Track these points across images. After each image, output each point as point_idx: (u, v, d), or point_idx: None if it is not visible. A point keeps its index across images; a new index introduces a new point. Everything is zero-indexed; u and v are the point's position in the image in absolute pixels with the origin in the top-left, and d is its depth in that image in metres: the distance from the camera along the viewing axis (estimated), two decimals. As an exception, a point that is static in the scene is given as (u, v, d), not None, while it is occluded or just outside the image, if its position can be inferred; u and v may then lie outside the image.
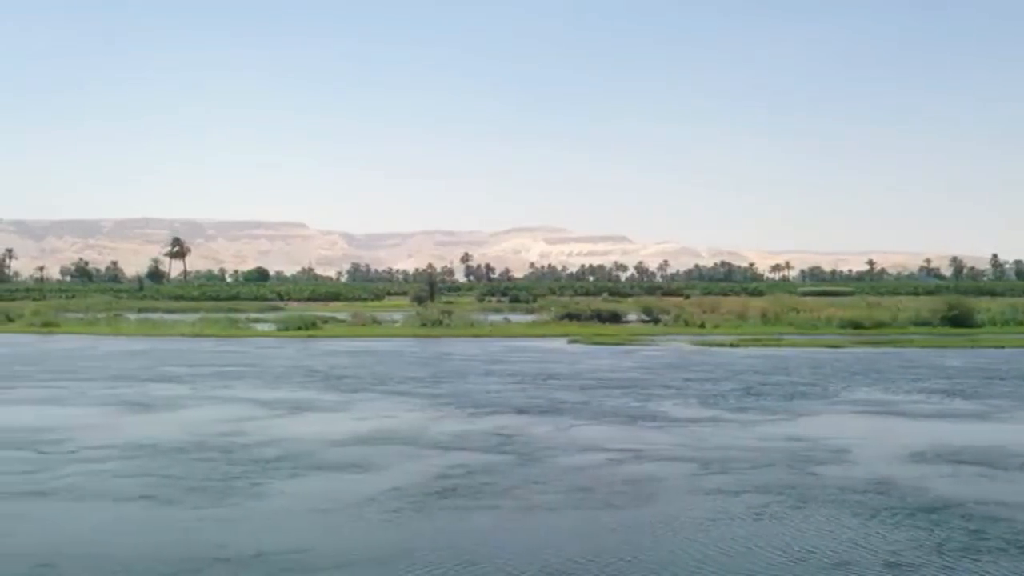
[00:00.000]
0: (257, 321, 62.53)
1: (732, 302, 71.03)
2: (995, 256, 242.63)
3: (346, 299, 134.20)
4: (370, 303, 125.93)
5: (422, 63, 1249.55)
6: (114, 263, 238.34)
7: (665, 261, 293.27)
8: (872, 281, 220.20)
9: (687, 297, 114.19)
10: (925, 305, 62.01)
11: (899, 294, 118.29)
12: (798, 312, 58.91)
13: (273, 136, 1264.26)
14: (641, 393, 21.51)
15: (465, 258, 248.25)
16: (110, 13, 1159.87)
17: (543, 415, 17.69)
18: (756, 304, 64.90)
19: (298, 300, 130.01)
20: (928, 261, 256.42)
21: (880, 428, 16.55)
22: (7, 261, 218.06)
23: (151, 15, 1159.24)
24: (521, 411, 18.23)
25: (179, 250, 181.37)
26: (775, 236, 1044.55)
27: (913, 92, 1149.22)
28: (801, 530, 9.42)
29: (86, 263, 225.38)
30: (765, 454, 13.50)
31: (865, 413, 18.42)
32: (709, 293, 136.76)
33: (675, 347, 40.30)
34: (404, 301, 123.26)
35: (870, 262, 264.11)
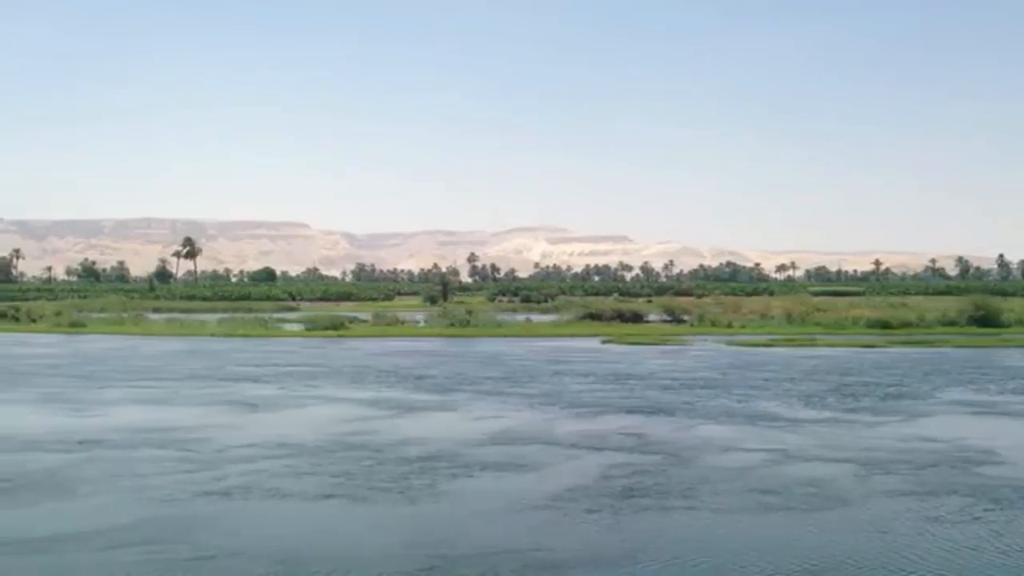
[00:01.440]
0: (282, 321, 62.67)
1: (754, 302, 71.28)
2: (1001, 256, 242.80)
3: (358, 299, 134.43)
4: (382, 303, 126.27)
5: (423, 63, 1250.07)
6: (121, 263, 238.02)
7: (671, 261, 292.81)
8: (877, 281, 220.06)
9: (699, 297, 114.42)
10: (944, 305, 62.45)
11: (909, 294, 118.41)
12: (824, 312, 59.26)
13: (274, 136, 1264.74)
14: (732, 393, 21.60)
15: (472, 258, 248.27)
16: (111, 13, 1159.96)
17: (654, 415, 17.82)
18: (779, 304, 65.20)
19: (310, 300, 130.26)
20: (933, 261, 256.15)
21: (1005, 429, 16.74)
22: (14, 261, 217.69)
23: (152, 15, 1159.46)
24: (630, 411, 18.36)
25: (190, 250, 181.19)
26: (776, 236, 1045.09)
27: (914, 92, 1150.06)
28: (1021, 532, 9.50)
29: (93, 263, 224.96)
30: (916, 455, 13.62)
31: (977, 414, 18.59)
32: (726, 293, 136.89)
33: (714, 347, 40.47)
34: (415, 301, 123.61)
35: (876, 262, 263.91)
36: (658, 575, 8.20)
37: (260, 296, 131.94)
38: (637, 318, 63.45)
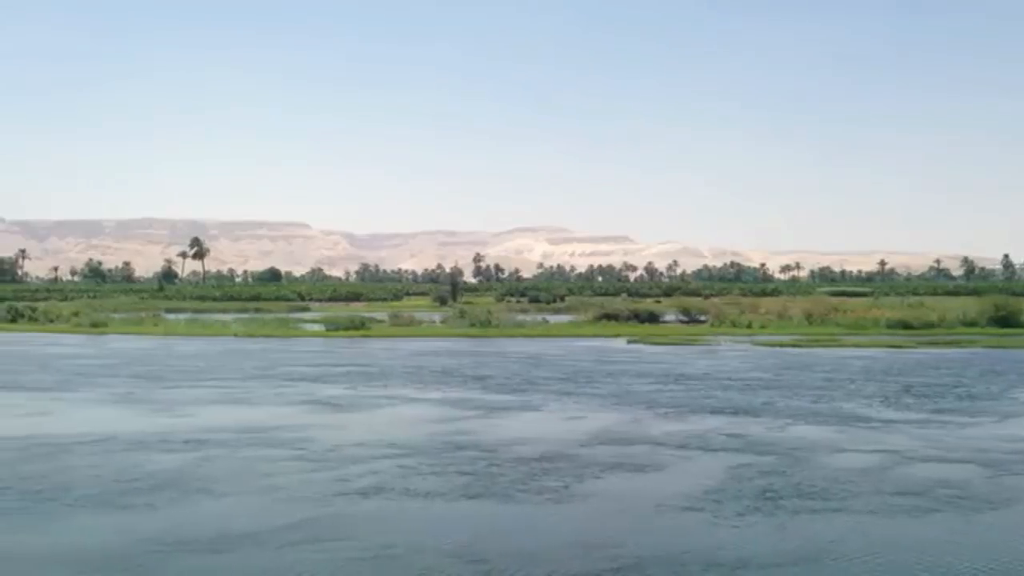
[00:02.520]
0: (301, 321, 62.75)
1: (771, 302, 71.36)
2: (1006, 256, 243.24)
3: (367, 299, 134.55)
4: (391, 303, 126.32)
5: (424, 63, 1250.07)
6: (127, 263, 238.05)
7: (675, 261, 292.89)
8: (882, 281, 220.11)
9: (707, 297, 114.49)
10: (957, 306, 62.69)
11: (918, 294, 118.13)
12: (844, 312, 59.37)
13: (275, 136, 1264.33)
14: (802, 394, 21.63)
15: (477, 258, 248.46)
16: (112, 13, 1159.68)
17: (739, 416, 17.87)
18: (797, 305, 65.33)
19: (319, 300, 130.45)
20: (938, 262, 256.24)
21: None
22: (20, 262, 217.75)
23: (153, 15, 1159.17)
24: (713, 412, 18.41)
25: (197, 251, 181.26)
26: (777, 236, 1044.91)
27: (915, 92, 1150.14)
28: None
29: (99, 263, 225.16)
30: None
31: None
32: (734, 294, 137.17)
33: (746, 347, 40.59)
34: (424, 301, 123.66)
35: (882, 262, 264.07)
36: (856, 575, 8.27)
37: (270, 296, 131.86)
38: (653, 318, 63.55)
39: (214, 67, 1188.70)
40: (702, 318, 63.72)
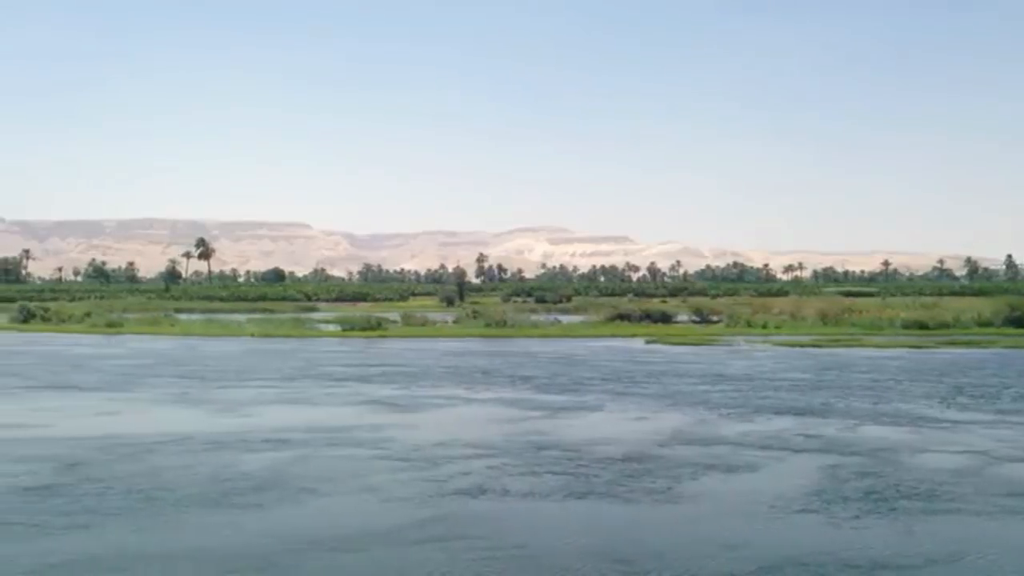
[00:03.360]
0: (314, 322, 62.66)
1: (783, 302, 71.35)
2: (1010, 256, 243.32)
3: (374, 300, 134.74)
4: (397, 303, 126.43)
5: (424, 63, 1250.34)
6: (131, 263, 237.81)
7: (677, 262, 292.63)
8: (885, 281, 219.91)
9: (714, 298, 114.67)
10: (967, 305, 62.88)
11: (924, 295, 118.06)
12: (859, 312, 59.42)
13: (276, 136, 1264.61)
14: (856, 394, 21.57)
15: (480, 259, 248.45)
16: (112, 13, 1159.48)
17: (806, 416, 17.83)
18: (811, 305, 65.39)
19: (325, 300, 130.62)
20: (941, 262, 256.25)
21: None
22: (24, 262, 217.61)
23: (153, 15, 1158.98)
24: (777, 412, 18.39)
25: (203, 251, 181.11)
26: (777, 236, 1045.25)
27: (916, 92, 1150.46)
28: None
29: (103, 263, 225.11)
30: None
31: None
32: (736, 294, 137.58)
33: (771, 348, 40.62)
34: (430, 301, 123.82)
35: (885, 262, 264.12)
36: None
37: (276, 296, 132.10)
38: (666, 318, 63.61)
39: (214, 67, 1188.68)
40: (714, 318, 63.85)
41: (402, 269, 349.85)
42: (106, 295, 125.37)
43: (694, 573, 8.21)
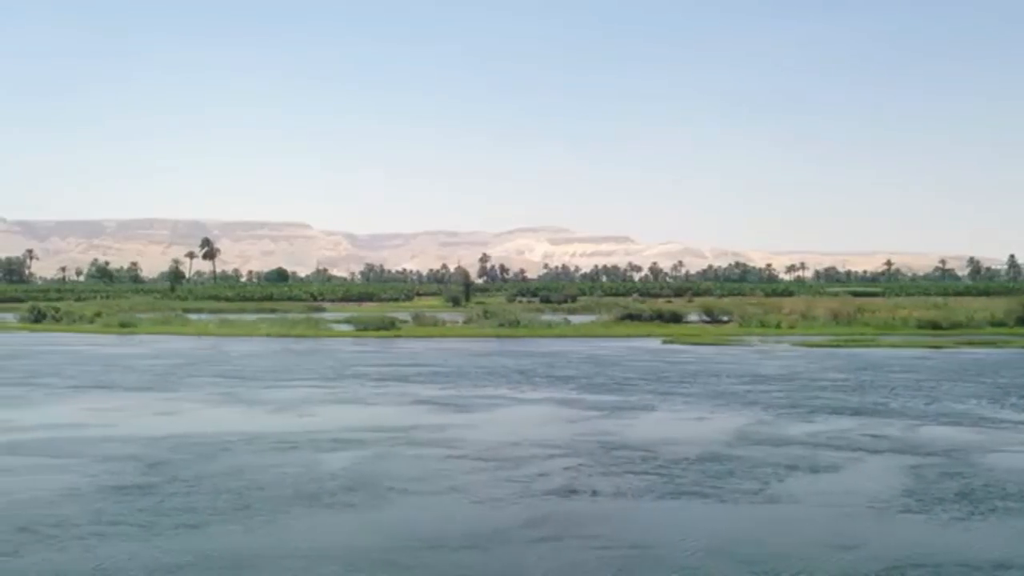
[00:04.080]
0: (327, 321, 62.69)
1: (794, 303, 71.34)
2: (1012, 256, 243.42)
3: (379, 300, 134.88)
4: (402, 303, 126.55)
5: (424, 63, 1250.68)
6: (134, 263, 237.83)
7: (680, 262, 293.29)
8: (887, 281, 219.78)
9: (719, 298, 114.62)
10: (977, 306, 63.04)
11: (929, 295, 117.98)
12: (872, 312, 59.49)
13: (276, 137, 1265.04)
14: (905, 394, 21.59)
15: (484, 259, 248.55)
16: (113, 14, 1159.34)
17: (864, 416, 17.84)
18: (822, 305, 65.46)
19: (331, 300, 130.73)
20: (943, 262, 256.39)
21: None
22: (27, 262, 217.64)
23: (154, 16, 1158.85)
24: (833, 412, 18.40)
25: (208, 251, 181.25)
26: (778, 236, 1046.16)
27: (916, 92, 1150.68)
28: None
29: (107, 263, 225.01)
30: None
31: None
32: (742, 293, 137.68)
33: (792, 348, 40.62)
34: (436, 301, 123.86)
35: (888, 263, 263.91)
36: None
37: (282, 296, 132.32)
38: (676, 318, 63.67)
39: (214, 67, 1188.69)
40: (724, 318, 63.92)
41: (404, 269, 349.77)
42: (111, 295, 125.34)
43: (814, 572, 8.24)
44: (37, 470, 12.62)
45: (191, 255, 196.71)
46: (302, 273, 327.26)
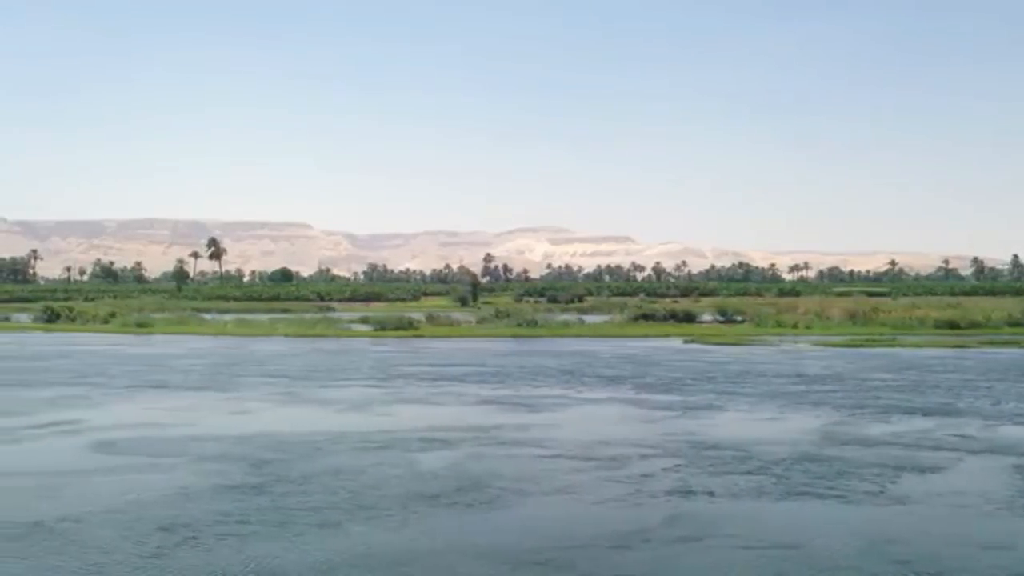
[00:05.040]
0: (342, 321, 62.61)
1: (808, 302, 71.43)
2: (1016, 256, 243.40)
3: (386, 299, 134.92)
4: (409, 303, 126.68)
5: (425, 63, 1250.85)
6: (138, 263, 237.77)
7: (683, 262, 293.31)
8: (891, 281, 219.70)
9: (726, 297, 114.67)
10: (993, 306, 63.16)
11: (935, 294, 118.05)
12: (888, 312, 59.57)
13: (276, 137, 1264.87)
14: (964, 394, 21.58)
15: (487, 259, 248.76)
16: (111, 13, 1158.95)
17: (938, 416, 17.80)
18: (837, 304, 65.55)
19: (339, 300, 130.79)
20: (946, 261, 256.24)
21: None
22: (32, 262, 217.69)
23: (154, 15, 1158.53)
24: (907, 412, 18.36)
25: (214, 251, 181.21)
26: (778, 236, 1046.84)
27: (916, 92, 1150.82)
28: None
29: (111, 263, 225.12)
30: None
31: None
32: (746, 293, 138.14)
33: (807, 347, 40.77)
34: (443, 301, 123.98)
35: (892, 262, 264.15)
36: None
37: (289, 296, 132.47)
38: (690, 318, 63.79)
39: (214, 67, 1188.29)
40: (738, 318, 64.00)
41: (408, 269, 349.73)
42: (119, 295, 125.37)
43: (987, 573, 8.23)
44: (142, 469, 12.60)
45: (195, 255, 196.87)
46: (303, 273, 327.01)
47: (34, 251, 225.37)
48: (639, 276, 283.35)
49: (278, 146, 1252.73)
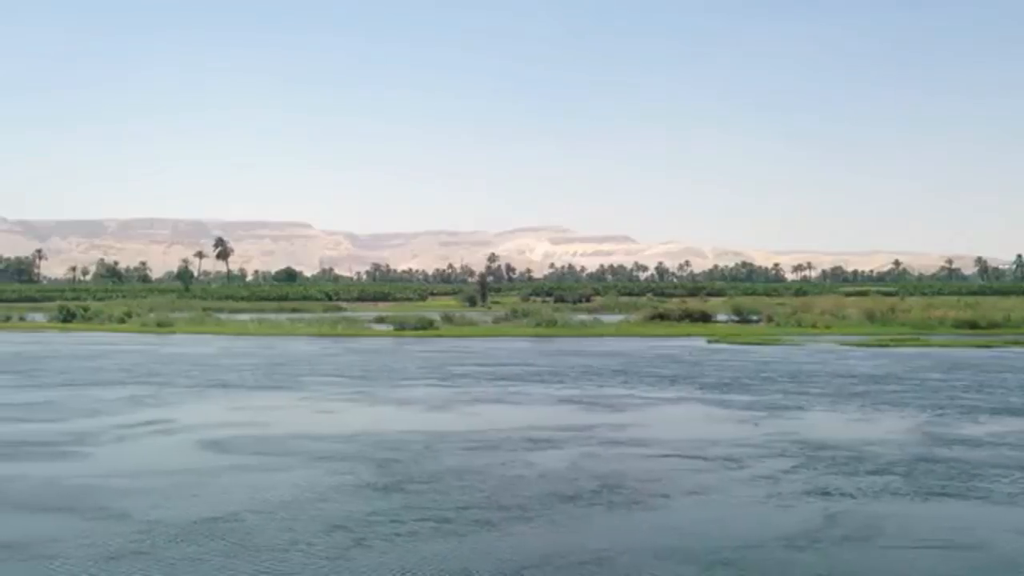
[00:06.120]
0: (363, 321, 62.68)
1: (823, 302, 71.51)
2: (1020, 256, 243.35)
3: (394, 299, 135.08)
4: (417, 303, 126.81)
5: (424, 63, 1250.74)
6: (143, 263, 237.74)
7: (686, 261, 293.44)
8: (894, 281, 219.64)
9: (732, 297, 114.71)
10: (1010, 305, 63.33)
11: (942, 294, 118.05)
12: (906, 312, 59.69)
13: (277, 136, 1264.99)
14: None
15: (492, 259, 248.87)
16: (111, 13, 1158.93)
17: (1002, 416, 17.83)
18: (855, 304, 65.68)
19: (347, 300, 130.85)
20: (950, 261, 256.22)
21: None
22: (36, 262, 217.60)
23: (154, 15, 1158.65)
24: (992, 413, 18.34)
25: (222, 251, 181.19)
26: (778, 236, 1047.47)
27: (916, 91, 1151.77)
28: None
29: (115, 263, 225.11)
30: None
31: None
32: (750, 293, 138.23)
33: (831, 346, 40.89)
34: (451, 301, 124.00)
35: (896, 262, 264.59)
36: None
37: (297, 296, 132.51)
38: (706, 318, 63.88)
39: (214, 67, 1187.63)
40: (754, 318, 64.11)
41: (411, 269, 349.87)
42: (126, 295, 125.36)
43: None
44: (264, 469, 12.59)
45: (200, 255, 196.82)
46: (305, 273, 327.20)
47: (39, 251, 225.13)
48: (642, 276, 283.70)
49: (278, 146, 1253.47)
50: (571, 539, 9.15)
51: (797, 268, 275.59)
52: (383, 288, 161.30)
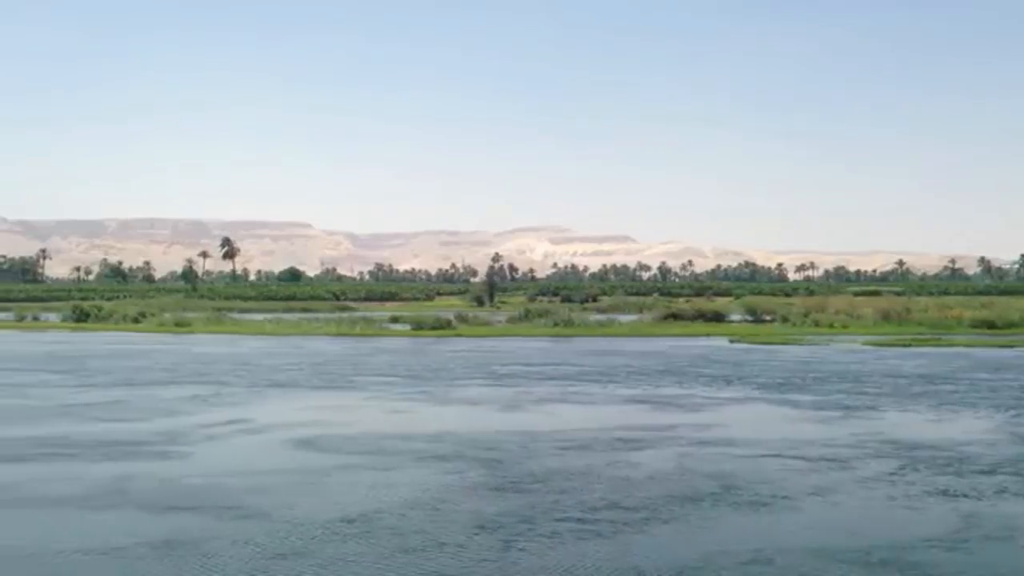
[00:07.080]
0: (381, 321, 62.69)
1: (838, 302, 71.50)
2: (1023, 256, 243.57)
3: (401, 299, 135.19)
4: (424, 303, 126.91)
5: (424, 63, 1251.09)
6: (147, 263, 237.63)
7: (689, 261, 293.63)
8: (897, 281, 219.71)
9: (738, 298, 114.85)
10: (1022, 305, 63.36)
11: (948, 294, 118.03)
12: (923, 312, 59.72)
13: (277, 136, 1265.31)
14: None
15: (496, 258, 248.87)
16: (111, 13, 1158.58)
17: None
18: (870, 304, 65.66)
19: (354, 300, 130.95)
20: (953, 261, 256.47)
21: None
22: (41, 262, 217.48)
23: (154, 15, 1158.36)
24: None
25: (228, 250, 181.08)
26: (779, 235, 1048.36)
27: (916, 91, 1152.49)
28: None
29: (120, 262, 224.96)
30: None
31: None
32: (754, 293, 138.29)
33: (853, 346, 40.90)
34: (458, 301, 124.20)
35: (899, 262, 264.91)
36: None
37: (304, 296, 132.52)
38: (719, 318, 63.99)
39: (214, 67, 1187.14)
40: (767, 318, 64.19)
41: (413, 269, 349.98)
42: (133, 295, 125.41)
43: None
44: (370, 468, 12.60)
45: (204, 254, 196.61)
46: (307, 273, 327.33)
47: (43, 251, 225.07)
48: (644, 275, 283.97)
49: (278, 146, 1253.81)
50: (719, 539, 9.14)
51: (800, 268, 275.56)
52: (390, 288, 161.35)
